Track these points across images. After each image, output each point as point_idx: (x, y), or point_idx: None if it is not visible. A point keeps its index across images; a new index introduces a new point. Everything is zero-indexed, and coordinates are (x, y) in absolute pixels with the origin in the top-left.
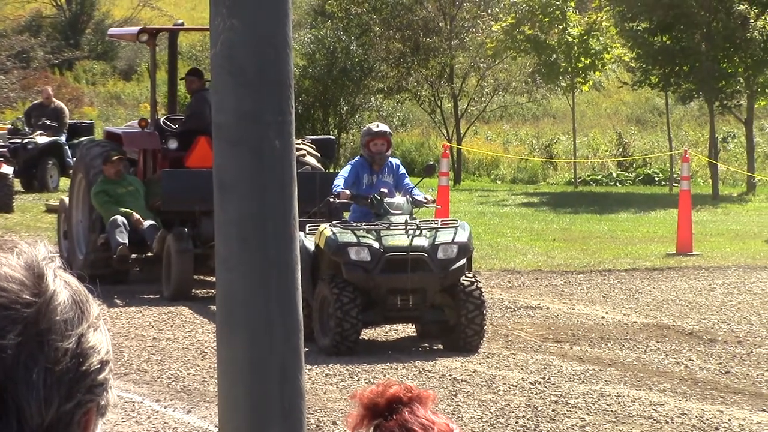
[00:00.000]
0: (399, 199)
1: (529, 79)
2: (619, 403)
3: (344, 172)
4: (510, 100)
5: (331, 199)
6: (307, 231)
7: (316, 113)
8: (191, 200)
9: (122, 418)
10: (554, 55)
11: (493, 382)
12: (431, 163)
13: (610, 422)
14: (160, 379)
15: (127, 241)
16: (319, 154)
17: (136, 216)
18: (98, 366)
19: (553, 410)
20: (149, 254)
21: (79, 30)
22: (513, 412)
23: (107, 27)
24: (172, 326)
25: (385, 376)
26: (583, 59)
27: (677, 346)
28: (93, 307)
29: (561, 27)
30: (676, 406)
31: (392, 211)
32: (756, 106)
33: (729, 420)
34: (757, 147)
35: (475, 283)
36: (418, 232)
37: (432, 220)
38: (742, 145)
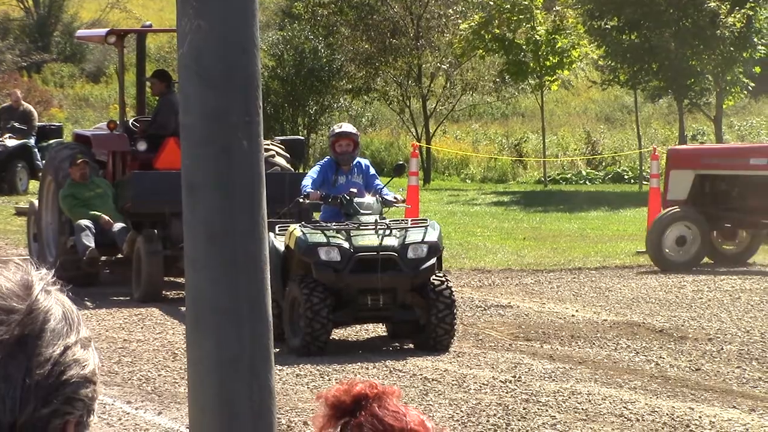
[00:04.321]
0: (368, 198)
1: (498, 79)
2: (589, 401)
3: (313, 172)
4: (479, 99)
5: (301, 200)
6: (277, 232)
7: (285, 114)
8: (161, 202)
9: (93, 421)
10: (522, 54)
11: (464, 381)
12: (401, 162)
13: (581, 420)
14: (131, 380)
15: (93, 245)
16: (288, 155)
17: (105, 218)
18: (81, 380)
19: (524, 408)
20: (119, 256)
21: (47, 32)
22: (484, 410)
23: (75, 29)
24: (142, 328)
25: (356, 375)
26: (551, 58)
27: (648, 343)
28: (84, 328)
29: (528, 26)
30: (646, 404)
31: (362, 211)
32: (724, 105)
33: (700, 417)
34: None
35: (446, 283)
36: (388, 232)
37: (402, 220)
38: (711, 142)
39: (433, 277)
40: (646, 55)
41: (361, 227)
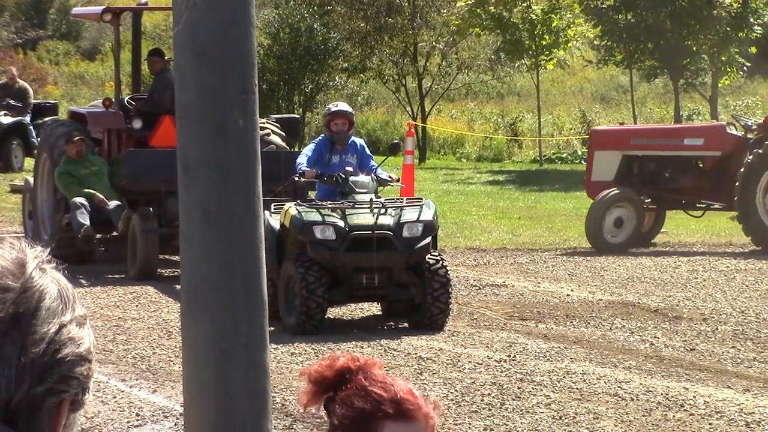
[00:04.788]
0: (364, 177)
1: (494, 57)
2: (584, 380)
3: (307, 150)
4: (474, 78)
5: (297, 178)
6: (272, 210)
7: (280, 92)
8: (156, 180)
9: (88, 399)
10: (518, 33)
11: (459, 360)
12: (396, 141)
13: (576, 400)
14: (125, 359)
15: (88, 222)
16: (283, 133)
17: (100, 196)
18: (76, 358)
19: (519, 388)
20: (114, 234)
21: (42, 10)
22: (478, 390)
23: (71, 7)
24: (137, 306)
25: None
26: (547, 37)
27: (642, 323)
28: (79, 306)
29: (525, 5)
30: (641, 384)
31: (357, 190)
32: (720, 84)
33: (694, 397)
34: None
35: (441, 262)
36: (383, 211)
37: (397, 199)
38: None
39: (429, 256)
40: (641, 34)
41: (356, 206)
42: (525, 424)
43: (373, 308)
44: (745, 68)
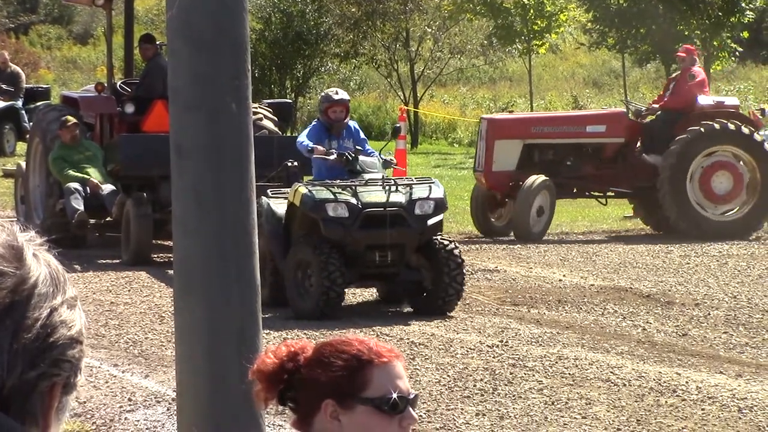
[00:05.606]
0: (372, 158)
1: (486, 41)
2: (576, 366)
3: (305, 134)
4: (466, 63)
5: (307, 154)
6: (270, 195)
7: (272, 77)
8: (150, 165)
9: (80, 381)
10: (510, 17)
11: (451, 346)
12: (398, 125)
13: (568, 385)
14: (117, 343)
15: (82, 207)
16: (276, 118)
17: (94, 181)
18: (67, 341)
19: (511, 373)
20: (108, 219)
21: None
22: (471, 375)
23: None
24: (129, 291)
25: None
26: (539, 21)
27: (634, 308)
28: (70, 288)
29: None
30: (633, 369)
31: (368, 169)
32: (712, 69)
33: (686, 382)
34: None
35: (454, 242)
36: (394, 188)
37: (405, 178)
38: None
39: (441, 237)
40: (633, 19)
41: (368, 183)
42: (517, 409)
43: (366, 294)
44: (737, 53)
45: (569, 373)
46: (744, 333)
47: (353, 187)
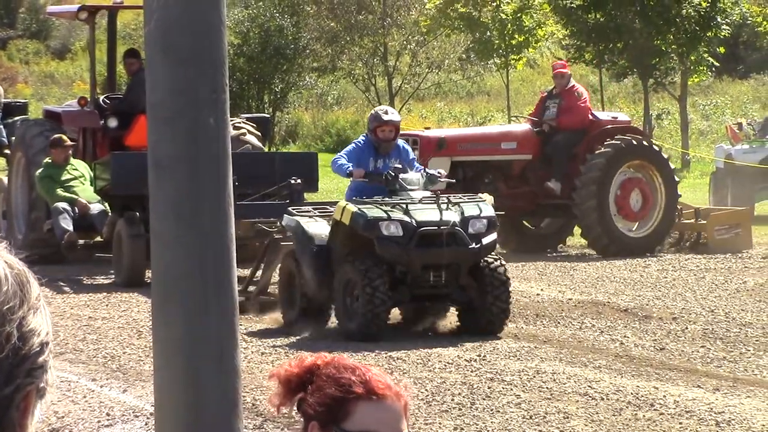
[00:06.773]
0: (413, 174)
1: (464, 56)
2: (554, 380)
3: (346, 151)
4: (444, 77)
5: (345, 177)
6: (295, 213)
7: (250, 91)
8: (141, 183)
9: (58, 398)
10: (488, 32)
11: (429, 360)
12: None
13: (546, 399)
14: (95, 358)
15: (71, 228)
16: (259, 133)
17: (83, 201)
18: (38, 348)
19: (489, 387)
20: (98, 239)
21: (12, 9)
22: (449, 389)
23: (41, 6)
24: (107, 305)
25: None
26: (516, 36)
27: (612, 322)
28: (33, 288)
29: (494, 4)
30: (611, 383)
31: (408, 187)
32: (689, 82)
33: (664, 396)
34: (691, 124)
35: (500, 260)
36: (445, 206)
37: (453, 195)
38: (676, 122)
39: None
40: (611, 34)
41: (422, 201)
42: (495, 423)
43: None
44: (713, 68)
45: (547, 387)
46: (721, 347)
47: (404, 205)
